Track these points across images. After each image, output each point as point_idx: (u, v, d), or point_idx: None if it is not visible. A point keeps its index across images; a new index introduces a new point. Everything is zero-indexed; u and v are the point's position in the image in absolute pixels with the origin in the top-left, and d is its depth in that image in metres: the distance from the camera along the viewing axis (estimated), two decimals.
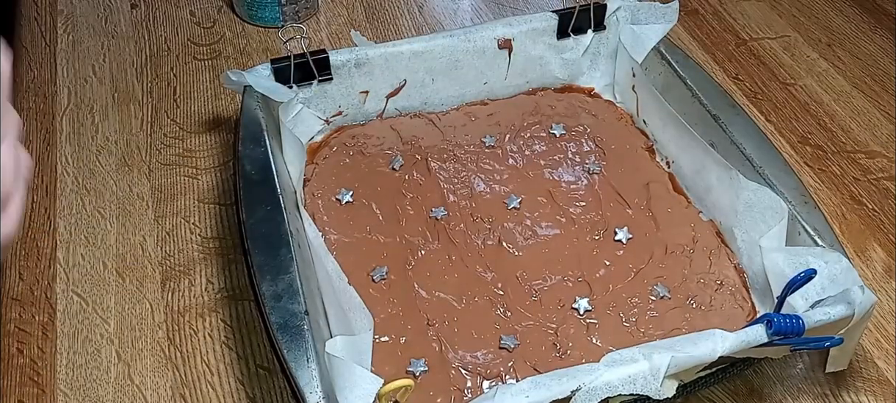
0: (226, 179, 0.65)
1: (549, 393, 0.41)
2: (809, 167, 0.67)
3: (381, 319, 0.51)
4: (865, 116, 0.72)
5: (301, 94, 0.62)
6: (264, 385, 0.52)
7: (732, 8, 0.85)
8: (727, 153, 0.56)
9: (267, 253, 0.49)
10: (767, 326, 0.43)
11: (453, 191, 0.60)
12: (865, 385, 0.53)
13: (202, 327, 0.55)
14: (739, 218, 0.55)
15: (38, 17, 0.81)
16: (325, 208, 0.59)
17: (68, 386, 0.52)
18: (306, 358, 0.44)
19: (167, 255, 0.60)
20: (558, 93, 0.69)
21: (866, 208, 0.64)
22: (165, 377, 0.53)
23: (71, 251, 0.60)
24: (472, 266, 0.55)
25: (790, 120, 0.71)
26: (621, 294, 0.53)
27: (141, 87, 0.74)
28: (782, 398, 0.52)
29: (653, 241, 0.57)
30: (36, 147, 0.67)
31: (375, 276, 0.54)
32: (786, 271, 0.49)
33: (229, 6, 0.82)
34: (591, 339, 0.51)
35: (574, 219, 0.58)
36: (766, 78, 0.76)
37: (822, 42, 0.80)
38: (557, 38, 0.67)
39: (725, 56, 0.78)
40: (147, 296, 0.57)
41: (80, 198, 0.63)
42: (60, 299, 0.57)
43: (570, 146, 0.64)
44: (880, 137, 0.70)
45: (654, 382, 0.42)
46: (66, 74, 0.75)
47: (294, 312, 0.46)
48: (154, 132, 0.69)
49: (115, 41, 0.78)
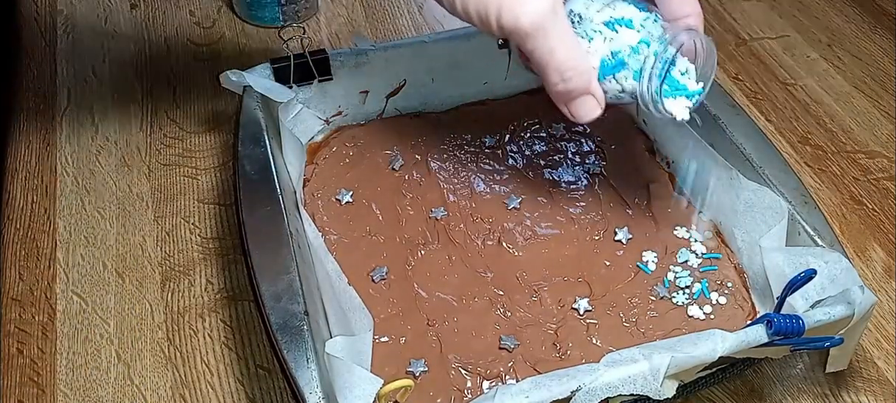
0: (226, 179, 0.65)
1: (549, 393, 0.41)
2: (809, 167, 0.67)
3: (381, 319, 0.51)
4: (865, 116, 0.72)
5: (301, 94, 0.62)
6: (264, 386, 0.52)
7: (732, 8, 0.85)
8: (727, 153, 0.56)
9: (267, 253, 0.49)
10: (767, 326, 0.43)
11: (453, 191, 0.60)
12: (865, 385, 0.53)
13: (202, 327, 0.55)
14: (739, 218, 0.55)
15: (38, 17, 0.81)
16: (325, 208, 0.59)
17: (68, 386, 0.52)
18: (306, 358, 0.44)
19: (167, 255, 0.60)
20: None
21: (866, 208, 0.64)
22: (165, 377, 0.53)
23: (71, 252, 0.60)
24: (472, 266, 0.55)
25: (790, 120, 0.71)
26: (621, 294, 0.53)
27: (141, 87, 0.74)
28: (782, 398, 0.52)
29: (653, 241, 0.57)
30: (36, 147, 0.67)
31: (375, 276, 0.54)
32: (786, 271, 0.49)
33: (229, 6, 0.82)
34: (591, 339, 0.51)
35: (574, 219, 0.58)
36: (766, 78, 0.76)
37: (822, 42, 0.80)
38: None
39: (725, 56, 0.78)
40: (147, 296, 0.57)
41: (80, 198, 0.63)
42: (60, 299, 0.57)
43: (570, 146, 0.64)
44: (880, 137, 0.70)
45: (654, 382, 0.42)
46: (66, 74, 0.75)
47: (294, 312, 0.46)
48: (154, 132, 0.69)
49: (115, 41, 0.78)
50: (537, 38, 0.44)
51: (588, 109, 0.47)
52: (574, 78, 0.45)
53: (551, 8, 0.44)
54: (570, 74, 0.45)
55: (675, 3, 0.47)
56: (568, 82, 0.46)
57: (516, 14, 0.44)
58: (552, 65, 0.45)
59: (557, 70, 0.45)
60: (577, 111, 0.47)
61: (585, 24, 0.47)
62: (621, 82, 0.47)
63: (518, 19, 0.44)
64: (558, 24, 0.44)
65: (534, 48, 0.45)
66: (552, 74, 0.45)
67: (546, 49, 0.44)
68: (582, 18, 0.47)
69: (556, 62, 0.45)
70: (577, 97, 0.46)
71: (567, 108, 0.47)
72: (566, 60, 0.45)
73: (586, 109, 0.47)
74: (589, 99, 0.47)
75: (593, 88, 0.46)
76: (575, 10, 0.47)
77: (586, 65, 0.46)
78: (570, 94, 0.46)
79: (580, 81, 0.46)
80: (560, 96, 0.47)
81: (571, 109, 0.47)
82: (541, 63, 0.45)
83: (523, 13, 0.44)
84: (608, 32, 0.46)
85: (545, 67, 0.45)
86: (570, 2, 0.48)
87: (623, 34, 0.46)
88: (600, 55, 0.47)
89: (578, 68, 0.45)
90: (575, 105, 0.47)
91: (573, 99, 0.47)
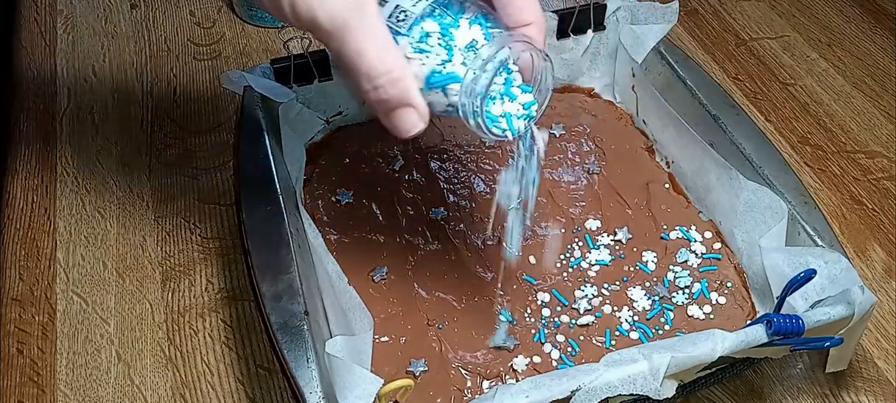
0: (226, 179, 0.65)
1: (549, 393, 0.41)
2: (809, 167, 0.67)
3: (381, 319, 0.52)
4: (865, 116, 0.72)
5: (301, 94, 0.62)
6: (264, 385, 0.52)
7: (732, 8, 0.85)
8: (727, 153, 0.56)
9: (267, 253, 0.49)
10: (767, 326, 0.43)
11: (453, 191, 0.60)
12: (865, 385, 0.53)
13: (202, 327, 0.55)
14: (739, 218, 0.55)
15: (38, 17, 0.81)
16: (325, 208, 0.59)
17: (68, 386, 0.52)
18: (306, 358, 0.44)
19: (167, 255, 0.60)
20: (558, 93, 0.69)
21: (866, 208, 0.64)
22: (165, 377, 0.53)
23: (71, 251, 0.60)
24: (472, 266, 0.55)
25: (790, 120, 0.71)
26: (621, 294, 0.53)
27: (141, 87, 0.74)
28: (782, 398, 0.52)
29: (653, 241, 0.57)
30: (36, 147, 0.68)
31: (375, 276, 0.54)
32: (786, 271, 0.49)
33: (229, 6, 0.82)
34: (591, 339, 0.51)
35: (574, 219, 0.58)
36: (765, 78, 0.76)
37: (822, 42, 0.80)
38: (557, 39, 0.67)
39: (725, 56, 0.78)
40: (147, 296, 0.57)
41: (80, 198, 0.64)
42: (60, 299, 0.57)
43: (569, 146, 0.64)
44: (880, 137, 0.70)
45: (653, 382, 0.42)
46: (66, 74, 0.75)
47: (294, 312, 0.46)
48: (154, 132, 0.69)
49: (115, 41, 0.78)
50: (340, 37, 0.37)
51: (407, 123, 0.39)
52: (387, 87, 0.38)
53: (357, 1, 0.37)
54: (382, 81, 0.38)
55: (515, 9, 0.41)
56: (380, 91, 0.38)
57: (311, 5, 0.37)
58: (361, 70, 0.38)
59: (367, 76, 0.38)
60: (394, 125, 0.40)
61: (411, 26, 0.40)
62: (450, 96, 0.40)
63: (314, 13, 0.37)
64: (367, 20, 0.37)
65: (338, 49, 0.38)
66: (362, 81, 0.38)
67: (352, 50, 0.37)
68: (407, 16, 0.40)
69: (364, 67, 0.38)
70: (393, 109, 0.39)
71: (384, 119, 0.40)
72: (377, 65, 0.38)
73: (405, 123, 0.39)
74: (408, 112, 0.39)
75: (413, 98, 0.39)
76: (401, 6, 0.40)
77: (402, 71, 0.38)
78: (385, 104, 0.39)
79: (395, 91, 0.38)
80: (375, 106, 0.39)
81: (388, 121, 0.40)
82: (347, 67, 0.38)
83: (319, 7, 0.37)
84: (436, 38, 0.40)
85: (353, 72, 0.38)
86: None
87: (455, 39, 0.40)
88: (426, 62, 0.40)
89: (393, 75, 0.38)
90: (392, 118, 0.40)
91: (390, 110, 0.39)
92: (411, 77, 0.39)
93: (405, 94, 0.39)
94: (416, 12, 0.40)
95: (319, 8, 0.36)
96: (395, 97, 0.38)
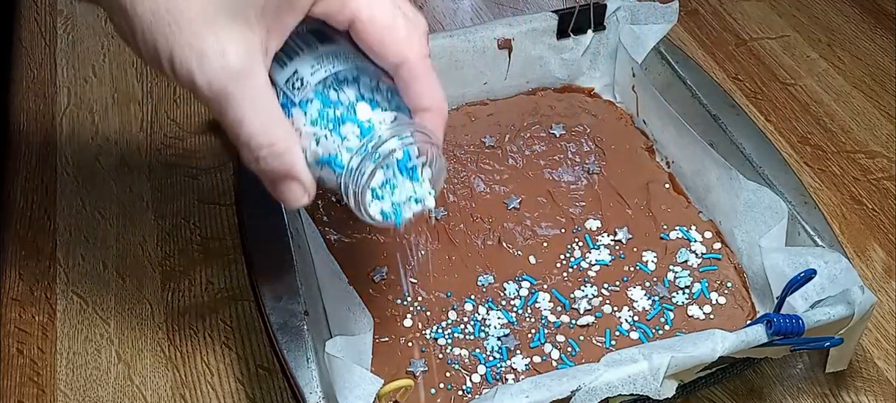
0: (226, 179, 0.65)
1: (549, 393, 0.41)
2: (809, 167, 0.67)
3: (381, 319, 0.51)
4: (865, 116, 0.72)
5: None
6: (264, 385, 0.52)
7: (732, 8, 0.85)
8: (727, 153, 0.56)
9: (267, 253, 0.49)
10: (767, 326, 0.43)
11: (453, 191, 0.60)
12: (865, 385, 0.53)
13: (202, 327, 0.55)
14: (739, 218, 0.55)
15: (38, 17, 0.81)
16: (325, 208, 0.59)
17: (68, 386, 0.52)
18: (306, 358, 0.44)
19: (167, 255, 0.60)
20: (558, 93, 0.69)
21: (866, 208, 0.64)
22: (165, 377, 0.53)
23: (71, 251, 0.60)
24: (472, 266, 0.55)
25: (790, 120, 0.71)
26: (621, 294, 0.53)
27: (141, 87, 0.74)
28: (782, 398, 0.52)
29: (653, 241, 0.57)
30: (36, 147, 0.67)
31: (375, 276, 0.54)
32: (786, 271, 0.50)
33: None
34: (592, 339, 0.51)
35: (574, 219, 0.58)
36: (765, 78, 0.76)
37: (822, 42, 0.80)
38: (557, 39, 0.67)
39: (725, 56, 0.78)
40: (147, 296, 0.57)
41: (80, 198, 0.63)
42: (60, 299, 0.57)
43: (569, 146, 0.64)
44: (880, 137, 0.70)
45: (654, 382, 0.42)
46: (66, 74, 0.75)
47: (294, 312, 0.46)
48: (154, 132, 0.69)
49: (115, 41, 0.78)
50: (219, 104, 0.34)
51: (291, 197, 0.38)
52: (270, 159, 0.36)
53: (241, 68, 0.34)
54: (263, 153, 0.36)
55: (414, 93, 0.39)
56: (261, 162, 0.36)
57: (190, 69, 0.33)
58: (241, 140, 0.36)
59: (247, 147, 0.36)
60: (277, 196, 0.38)
61: (306, 100, 0.38)
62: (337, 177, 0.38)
63: (193, 77, 0.34)
64: (249, 90, 0.34)
65: (218, 116, 0.35)
66: (242, 150, 0.36)
67: (231, 120, 0.35)
68: (303, 85, 0.38)
69: (244, 137, 0.35)
70: (276, 181, 0.37)
71: (268, 188, 0.38)
72: (259, 137, 0.35)
73: (289, 195, 0.38)
74: (292, 185, 0.37)
75: (298, 173, 0.37)
76: (299, 73, 0.38)
77: (286, 144, 0.36)
78: (266, 176, 0.37)
79: (277, 163, 0.36)
80: (258, 175, 0.38)
81: (272, 191, 0.38)
82: (229, 133, 0.36)
83: (198, 69, 0.33)
84: (330, 115, 0.38)
85: (234, 140, 0.36)
86: (295, 61, 0.38)
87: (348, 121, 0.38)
88: (318, 137, 0.38)
89: (275, 148, 0.36)
90: (275, 190, 0.38)
91: (271, 182, 0.38)
92: (297, 150, 0.37)
93: (289, 168, 0.37)
94: (313, 82, 0.38)
95: (198, 71, 0.33)
96: (278, 170, 0.37)
